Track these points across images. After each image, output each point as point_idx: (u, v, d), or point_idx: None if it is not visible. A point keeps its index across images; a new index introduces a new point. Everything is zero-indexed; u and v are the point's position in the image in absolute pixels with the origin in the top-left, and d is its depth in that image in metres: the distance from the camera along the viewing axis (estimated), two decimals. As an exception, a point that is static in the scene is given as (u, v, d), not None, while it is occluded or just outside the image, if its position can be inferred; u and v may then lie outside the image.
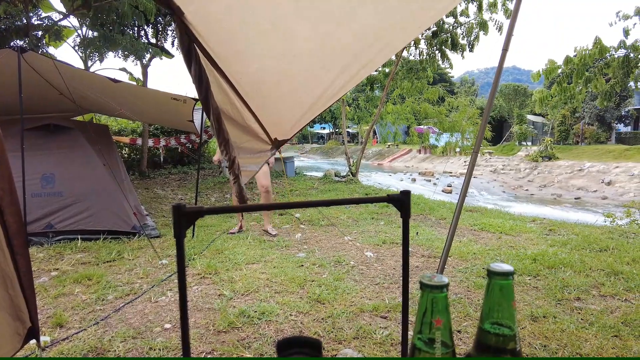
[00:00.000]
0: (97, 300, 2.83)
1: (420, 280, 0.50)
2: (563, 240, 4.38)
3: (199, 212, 0.71)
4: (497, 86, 1.87)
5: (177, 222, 0.70)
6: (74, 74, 4.46)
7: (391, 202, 0.83)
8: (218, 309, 2.62)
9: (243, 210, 0.76)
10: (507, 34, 1.89)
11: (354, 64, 2.30)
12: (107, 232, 4.49)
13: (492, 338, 0.54)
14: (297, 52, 2.11)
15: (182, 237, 0.70)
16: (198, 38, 1.75)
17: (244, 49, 2.02)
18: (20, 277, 1.68)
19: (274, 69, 2.19)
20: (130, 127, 11.30)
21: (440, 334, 0.48)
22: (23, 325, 1.78)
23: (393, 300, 2.78)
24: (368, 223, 5.25)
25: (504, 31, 8.03)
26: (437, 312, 0.49)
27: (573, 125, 28.31)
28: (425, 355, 0.49)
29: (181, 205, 0.70)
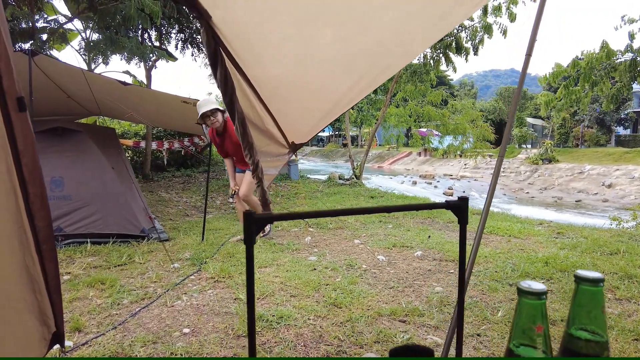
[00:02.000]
0: (113, 304, 2.82)
1: (520, 287, 0.50)
2: (572, 244, 4.38)
3: (269, 218, 0.72)
4: (520, 91, 1.88)
5: (248, 229, 0.70)
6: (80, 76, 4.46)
7: (449, 208, 0.83)
8: (236, 313, 2.62)
9: (308, 217, 0.75)
10: (530, 39, 1.90)
11: (373, 69, 2.31)
12: (116, 235, 4.48)
13: (581, 344, 0.54)
14: (318, 57, 2.12)
15: (252, 243, 0.70)
16: (223, 42, 1.76)
17: (267, 54, 2.02)
18: (48, 282, 1.68)
19: (294, 74, 2.19)
20: (133, 130, 11.30)
21: (542, 341, 0.48)
22: (48, 330, 1.78)
23: (410, 304, 2.78)
24: (376, 226, 5.24)
25: (508, 35, 8.07)
26: (538, 318, 0.49)
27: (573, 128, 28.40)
28: None
29: (252, 213, 0.70)
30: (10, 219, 1.40)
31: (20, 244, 1.49)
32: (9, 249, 1.41)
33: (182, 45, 10.34)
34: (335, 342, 2.26)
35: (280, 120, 2.46)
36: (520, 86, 1.84)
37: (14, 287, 1.47)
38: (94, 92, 4.56)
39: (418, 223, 5.45)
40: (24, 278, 1.53)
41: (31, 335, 1.64)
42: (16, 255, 1.46)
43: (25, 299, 1.56)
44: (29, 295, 1.59)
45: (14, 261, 1.45)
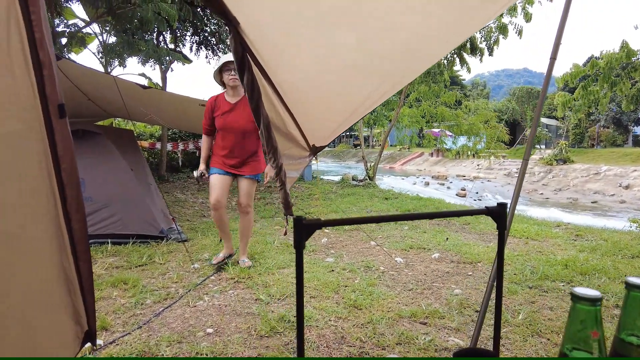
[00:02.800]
0: (136, 304, 2.87)
1: (574, 293, 0.52)
2: (592, 246, 4.33)
3: (318, 224, 0.74)
4: (545, 94, 1.88)
5: (298, 234, 0.73)
6: (105, 81, 4.56)
7: (489, 214, 0.85)
8: (257, 314, 2.65)
9: (359, 222, 0.78)
10: (555, 42, 1.89)
11: (395, 73, 2.33)
12: (135, 236, 4.55)
13: (632, 349, 0.55)
14: (340, 61, 2.14)
15: (301, 247, 0.73)
16: (250, 47, 1.79)
17: (291, 58, 2.05)
18: (82, 282, 1.73)
19: (318, 78, 2.22)
20: (148, 132, 11.46)
21: (597, 346, 0.50)
22: (81, 329, 1.83)
23: (429, 307, 2.79)
24: (392, 228, 5.25)
25: (523, 35, 8.01)
26: (595, 324, 0.50)
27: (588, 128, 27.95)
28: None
29: (302, 218, 0.72)
30: (50, 221, 1.45)
31: (58, 246, 1.53)
32: (48, 251, 1.46)
33: (196, 47, 10.45)
34: (357, 344, 2.28)
35: (302, 124, 2.49)
36: (544, 91, 1.84)
37: (52, 288, 1.52)
38: (115, 95, 4.64)
39: (434, 225, 5.44)
40: (61, 279, 1.58)
41: (66, 334, 1.69)
42: (55, 256, 1.51)
43: (62, 299, 1.61)
44: (65, 295, 1.64)
45: (52, 262, 1.50)
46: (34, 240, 1.36)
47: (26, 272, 1.35)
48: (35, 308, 1.41)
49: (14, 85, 1.15)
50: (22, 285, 1.33)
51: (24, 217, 1.29)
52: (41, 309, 1.46)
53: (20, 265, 1.31)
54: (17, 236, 1.27)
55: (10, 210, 1.23)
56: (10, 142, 1.17)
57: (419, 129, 13.89)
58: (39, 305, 1.44)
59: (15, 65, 1.14)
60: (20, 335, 1.34)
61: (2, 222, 1.20)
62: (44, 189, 1.38)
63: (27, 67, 1.20)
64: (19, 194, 1.25)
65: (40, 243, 1.41)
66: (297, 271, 0.75)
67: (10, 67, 1.12)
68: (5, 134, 1.15)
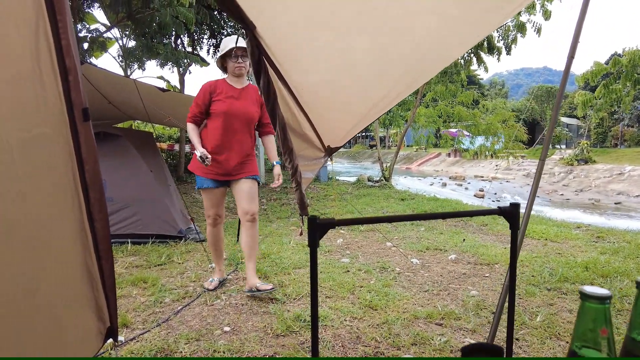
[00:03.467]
0: (155, 302, 2.94)
1: (582, 291, 0.53)
2: (614, 248, 4.24)
3: (331, 223, 0.76)
4: (562, 95, 1.86)
5: (312, 233, 0.75)
6: (125, 84, 4.67)
7: (502, 214, 0.86)
8: (274, 313, 2.68)
9: (372, 222, 0.80)
10: (572, 41, 1.87)
11: (409, 74, 2.33)
12: (154, 236, 4.65)
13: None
14: (355, 63, 2.16)
15: (315, 246, 0.76)
16: (267, 51, 1.83)
17: (306, 61, 2.08)
18: (104, 280, 1.78)
19: (333, 80, 2.24)
20: (167, 134, 11.66)
21: (606, 344, 0.51)
22: (104, 325, 1.89)
23: (445, 308, 2.78)
24: (408, 229, 5.23)
25: (542, 33, 7.88)
26: (602, 322, 0.51)
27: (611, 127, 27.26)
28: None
29: (316, 218, 0.75)
30: (74, 220, 1.50)
31: (82, 245, 1.59)
32: (73, 249, 1.52)
33: (213, 50, 10.59)
34: (372, 344, 2.29)
35: (318, 125, 2.52)
36: (561, 90, 1.82)
37: (77, 284, 1.58)
38: (134, 98, 4.75)
39: (451, 226, 5.39)
40: (85, 276, 1.64)
41: (90, 329, 1.75)
42: (79, 255, 1.56)
43: (86, 296, 1.67)
44: (89, 292, 1.69)
45: (77, 261, 1.56)
46: (60, 238, 1.42)
47: (53, 269, 1.40)
48: (61, 303, 1.47)
49: (42, 92, 1.21)
50: (50, 281, 1.39)
51: (51, 216, 1.34)
52: (67, 304, 1.52)
53: (48, 262, 1.36)
54: (45, 234, 1.33)
55: (39, 209, 1.28)
56: (39, 145, 1.23)
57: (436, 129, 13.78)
58: (65, 301, 1.50)
59: (44, 73, 1.20)
60: (47, 329, 1.40)
61: (31, 221, 1.26)
62: (69, 189, 1.43)
63: (54, 74, 1.26)
64: (46, 194, 1.30)
65: (66, 241, 1.47)
66: (311, 269, 0.77)
67: (39, 75, 1.18)
68: (34, 137, 1.20)
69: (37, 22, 1.15)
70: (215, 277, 3.27)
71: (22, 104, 1.15)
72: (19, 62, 1.11)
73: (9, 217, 1.20)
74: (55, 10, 1.20)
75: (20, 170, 1.20)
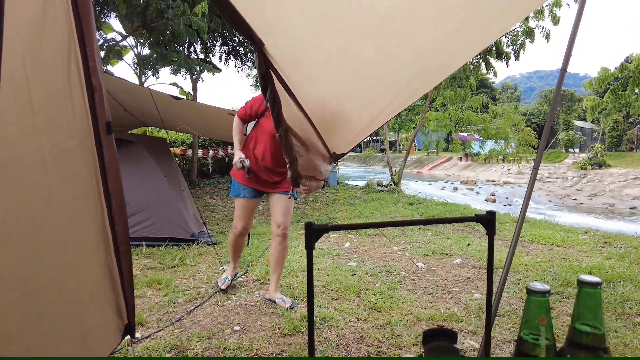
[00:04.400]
0: (169, 302, 3.07)
1: (529, 287, 0.63)
2: (620, 254, 4.27)
3: (325, 228, 0.88)
4: (555, 107, 1.94)
5: (308, 237, 0.86)
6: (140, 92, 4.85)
7: (479, 221, 0.96)
8: (281, 314, 2.80)
9: (364, 227, 0.90)
10: (565, 55, 1.96)
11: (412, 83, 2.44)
12: (168, 239, 4.80)
13: (583, 336, 0.66)
14: (360, 74, 2.27)
15: (311, 249, 0.87)
16: (274, 65, 1.95)
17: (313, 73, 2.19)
18: (123, 280, 1.92)
19: (337, 90, 2.36)
20: (180, 139, 11.91)
21: (545, 329, 0.61)
22: (122, 323, 2.02)
23: (448, 310, 2.86)
24: (415, 233, 5.31)
25: (551, 38, 7.91)
26: (542, 312, 0.61)
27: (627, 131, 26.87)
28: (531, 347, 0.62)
29: (312, 223, 0.86)
30: (97, 224, 1.64)
31: (104, 246, 1.73)
32: (96, 250, 1.66)
33: (225, 57, 10.81)
34: (375, 343, 2.39)
35: (323, 132, 2.64)
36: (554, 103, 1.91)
37: (99, 283, 1.71)
38: (149, 106, 4.93)
39: (457, 231, 5.46)
40: (106, 276, 1.77)
41: (110, 326, 1.88)
42: (101, 255, 1.70)
43: (107, 294, 1.80)
44: (110, 291, 1.83)
45: (99, 261, 1.69)
46: (84, 239, 1.56)
47: (78, 267, 1.54)
48: (85, 299, 1.61)
49: (72, 108, 1.35)
50: (75, 278, 1.53)
51: (77, 219, 1.48)
52: (90, 300, 1.66)
53: (74, 260, 1.50)
54: (71, 235, 1.47)
55: (66, 212, 1.42)
56: (68, 156, 1.36)
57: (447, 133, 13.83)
58: (89, 297, 1.64)
59: (73, 90, 1.33)
60: (73, 321, 1.54)
61: (59, 222, 1.39)
62: (92, 195, 1.57)
63: (82, 91, 1.40)
64: (73, 199, 1.44)
65: (90, 242, 1.60)
66: (307, 270, 0.89)
67: (70, 94, 1.32)
68: (65, 150, 1.34)
69: (69, 46, 1.29)
70: (228, 275, 3.29)
71: (55, 119, 1.29)
72: (54, 80, 1.25)
73: (40, 218, 1.34)
74: (84, 36, 1.34)
75: (51, 178, 1.34)
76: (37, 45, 1.17)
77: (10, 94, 1.12)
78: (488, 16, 1.88)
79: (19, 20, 1.11)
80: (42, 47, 1.19)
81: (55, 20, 1.21)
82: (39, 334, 1.41)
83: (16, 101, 1.14)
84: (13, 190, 1.19)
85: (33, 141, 1.23)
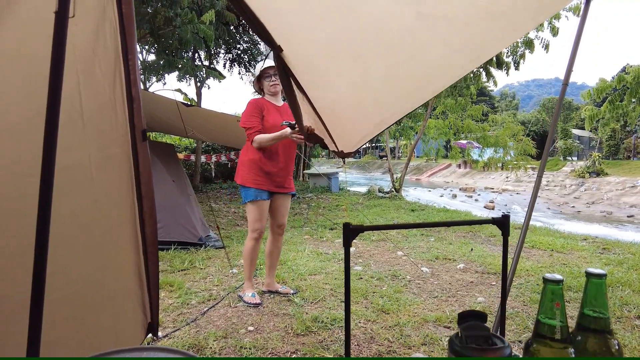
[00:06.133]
0: (183, 304, 3.17)
1: (545, 277, 0.74)
2: (619, 260, 4.38)
3: (361, 229, 0.99)
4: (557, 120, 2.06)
5: (346, 236, 0.98)
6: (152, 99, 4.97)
7: (495, 223, 1.08)
8: (293, 315, 2.90)
9: (397, 228, 1.01)
10: (567, 69, 2.09)
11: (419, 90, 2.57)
12: (176, 243, 4.90)
13: (590, 320, 0.77)
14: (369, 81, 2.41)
15: (348, 246, 0.98)
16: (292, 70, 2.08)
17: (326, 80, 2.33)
18: (149, 280, 2.02)
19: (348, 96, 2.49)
20: (183, 145, 12.03)
21: (559, 313, 0.72)
22: (146, 321, 2.12)
23: (453, 313, 2.96)
24: (418, 239, 5.41)
25: (550, 49, 8.08)
26: (557, 298, 0.72)
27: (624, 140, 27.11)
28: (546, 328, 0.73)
29: (348, 224, 0.98)
30: (131, 225, 1.75)
31: (135, 247, 1.84)
32: (129, 250, 1.76)
33: (229, 64, 10.96)
34: (385, 343, 2.49)
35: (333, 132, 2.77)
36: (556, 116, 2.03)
37: (130, 282, 1.82)
38: (159, 112, 5.05)
39: (460, 237, 5.57)
40: (136, 275, 1.88)
41: (137, 323, 1.99)
42: (133, 255, 1.81)
43: (136, 293, 1.91)
44: (138, 290, 1.93)
45: (131, 260, 1.80)
46: (121, 239, 1.66)
47: (115, 266, 1.65)
48: (119, 296, 1.71)
49: (115, 117, 1.46)
50: (112, 276, 1.63)
51: (116, 221, 1.59)
52: (123, 299, 1.76)
53: (112, 259, 1.61)
54: (111, 236, 1.58)
55: (108, 215, 1.53)
56: (111, 162, 1.47)
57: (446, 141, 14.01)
58: (122, 296, 1.74)
59: (117, 101, 1.45)
60: (109, 319, 1.64)
61: (102, 224, 1.50)
62: (128, 198, 1.68)
63: (123, 102, 1.51)
64: (114, 203, 1.55)
65: (125, 243, 1.71)
66: (345, 266, 1.00)
67: (114, 105, 1.43)
68: (108, 157, 1.45)
69: (115, 60, 1.41)
70: (255, 293, 3.23)
71: (101, 128, 1.40)
72: (102, 94, 1.36)
73: (86, 220, 1.45)
74: (128, 50, 1.45)
75: (97, 183, 1.45)
76: (90, 66, 1.29)
77: (67, 108, 1.23)
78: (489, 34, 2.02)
79: (74, 47, 1.23)
80: (94, 67, 1.31)
81: (104, 43, 1.33)
82: (80, 327, 1.52)
83: (71, 114, 1.25)
84: (66, 196, 1.30)
85: (83, 150, 1.34)
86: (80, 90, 1.28)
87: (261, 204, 3.08)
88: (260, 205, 3.08)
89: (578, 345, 0.76)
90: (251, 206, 3.09)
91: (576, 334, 0.78)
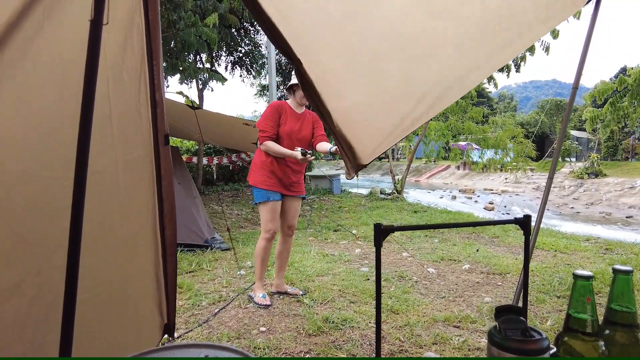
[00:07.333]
0: (193, 305, 3.20)
1: (575, 273, 0.78)
2: (622, 260, 4.43)
3: (392, 229, 1.03)
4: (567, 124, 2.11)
5: (377, 236, 1.01)
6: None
7: (517, 223, 1.12)
8: (304, 316, 2.93)
9: (424, 228, 1.05)
10: (577, 73, 2.13)
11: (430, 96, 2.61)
12: (183, 245, 4.93)
13: (618, 314, 0.80)
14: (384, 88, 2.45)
15: (379, 246, 1.02)
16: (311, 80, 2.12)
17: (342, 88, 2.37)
18: (167, 282, 2.05)
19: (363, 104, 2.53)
20: (184, 147, 12.05)
21: (590, 307, 0.76)
22: (162, 322, 2.15)
23: (462, 312, 3.00)
24: (422, 240, 5.44)
25: (550, 52, 8.14)
26: (588, 293, 0.76)
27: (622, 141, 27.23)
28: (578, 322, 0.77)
29: (380, 224, 1.01)
30: (151, 227, 1.78)
31: (154, 248, 1.87)
32: (149, 252, 1.80)
33: (231, 67, 11.00)
34: (397, 343, 2.53)
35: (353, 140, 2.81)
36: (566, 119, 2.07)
37: (150, 283, 1.85)
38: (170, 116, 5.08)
39: (463, 238, 5.61)
40: (154, 276, 1.91)
41: (154, 324, 2.02)
42: (152, 257, 1.84)
43: (154, 294, 1.94)
44: (156, 292, 1.97)
45: (151, 262, 1.83)
46: (143, 241, 1.70)
47: (136, 267, 1.68)
48: (141, 298, 1.74)
49: (140, 121, 1.49)
50: (134, 277, 1.67)
51: (139, 223, 1.62)
52: (144, 299, 1.79)
53: (134, 260, 1.64)
54: (134, 237, 1.61)
55: (132, 217, 1.56)
56: (135, 165, 1.51)
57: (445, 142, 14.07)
58: (143, 297, 1.77)
59: (142, 106, 1.49)
60: (132, 318, 1.67)
61: (127, 226, 1.53)
62: (150, 201, 1.71)
63: (147, 106, 1.55)
64: (138, 205, 1.58)
65: (146, 244, 1.75)
66: (376, 265, 1.04)
67: (138, 108, 1.47)
68: (133, 160, 1.49)
69: (141, 66, 1.45)
70: (264, 292, 3.27)
71: (127, 132, 1.43)
72: (128, 99, 1.40)
73: (112, 223, 1.49)
74: (153, 55, 1.49)
75: (122, 185, 1.48)
76: (119, 72, 1.32)
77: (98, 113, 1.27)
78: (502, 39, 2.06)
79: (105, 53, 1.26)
80: (122, 73, 1.34)
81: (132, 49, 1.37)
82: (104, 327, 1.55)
83: (101, 119, 1.29)
84: (95, 200, 1.33)
85: (110, 153, 1.37)
86: (110, 96, 1.31)
87: (273, 205, 3.13)
88: (272, 206, 3.13)
89: (607, 338, 0.80)
90: (263, 207, 3.14)
91: (604, 327, 0.82)
